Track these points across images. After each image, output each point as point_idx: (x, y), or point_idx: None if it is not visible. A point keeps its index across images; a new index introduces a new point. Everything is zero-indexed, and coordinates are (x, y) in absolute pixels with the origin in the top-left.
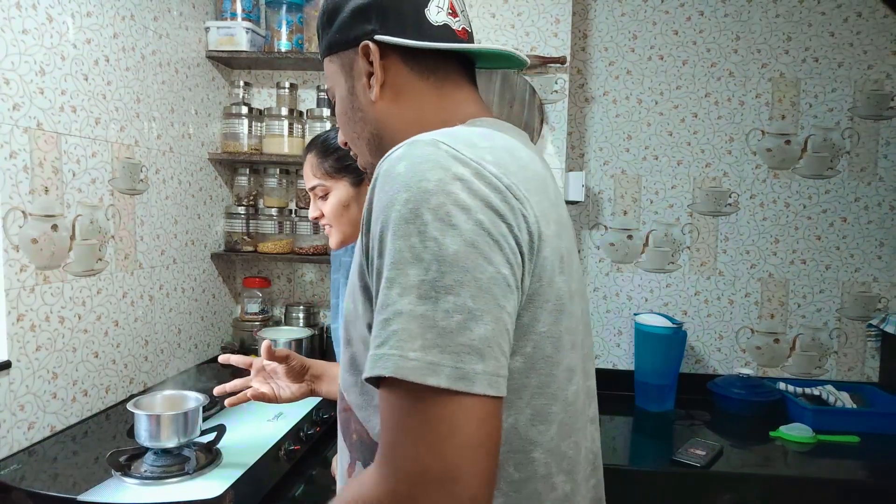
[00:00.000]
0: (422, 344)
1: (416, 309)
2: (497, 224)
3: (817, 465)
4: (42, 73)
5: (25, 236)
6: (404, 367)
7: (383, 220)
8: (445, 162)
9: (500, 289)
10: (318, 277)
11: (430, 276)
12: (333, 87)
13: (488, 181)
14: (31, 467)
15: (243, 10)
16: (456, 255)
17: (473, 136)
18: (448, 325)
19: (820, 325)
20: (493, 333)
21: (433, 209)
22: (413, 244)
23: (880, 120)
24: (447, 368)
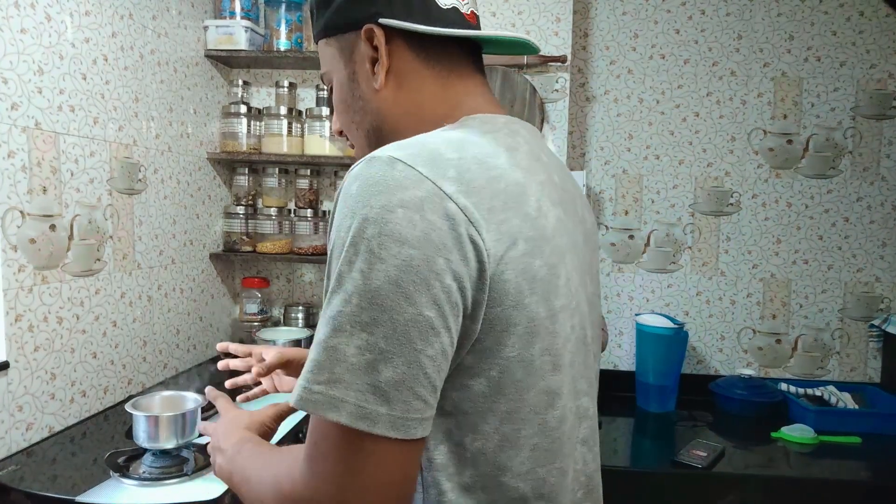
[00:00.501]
0: (328, 378)
1: (329, 341)
2: (431, 260)
3: (819, 466)
4: (40, 72)
5: (23, 236)
6: (307, 399)
7: (332, 241)
8: (394, 185)
9: (419, 332)
10: (317, 277)
11: (348, 308)
12: (330, 72)
13: (438, 206)
14: (29, 468)
15: (242, 8)
16: (377, 291)
17: (442, 145)
18: (357, 362)
19: (822, 325)
20: (402, 377)
21: (367, 239)
22: (342, 272)
23: (883, 119)
24: (349, 405)
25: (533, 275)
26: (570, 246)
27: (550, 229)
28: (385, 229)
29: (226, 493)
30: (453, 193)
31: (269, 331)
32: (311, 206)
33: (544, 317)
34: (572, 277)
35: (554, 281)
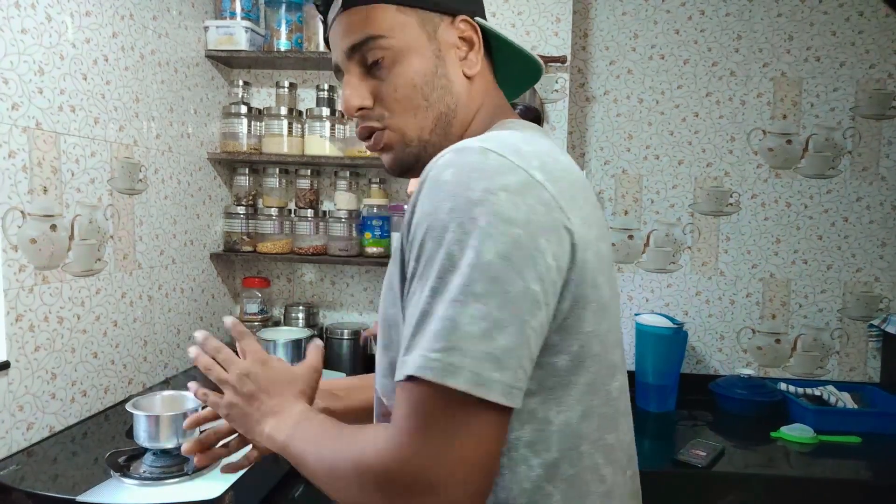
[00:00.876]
0: (444, 346)
1: (445, 312)
2: (535, 239)
3: (819, 466)
4: (41, 72)
5: (24, 236)
6: (425, 367)
7: (426, 226)
8: (492, 171)
9: (528, 304)
10: (317, 277)
11: (461, 280)
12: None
13: (534, 191)
14: (30, 468)
15: (242, 9)
16: (489, 265)
17: (519, 141)
18: (472, 330)
19: (821, 325)
20: (514, 345)
21: (474, 219)
22: (452, 251)
23: (882, 119)
24: (466, 372)
25: (602, 257)
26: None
27: (603, 220)
28: (492, 210)
29: (226, 493)
30: (543, 181)
31: (270, 331)
32: (312, 206)
33: (609, 296)
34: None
35: (610, 265)
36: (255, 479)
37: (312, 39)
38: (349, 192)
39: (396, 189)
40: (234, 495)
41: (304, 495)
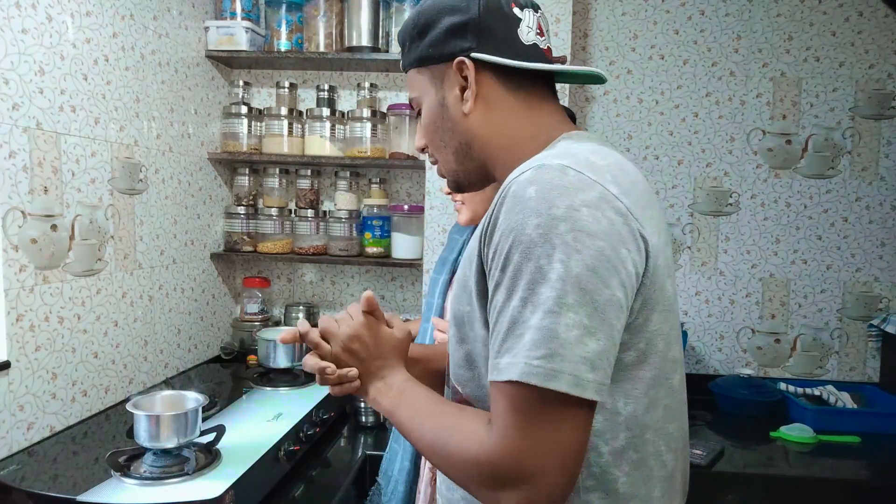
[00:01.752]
0: (545, 353)
1: (542, 322)
2: (617, 249)
3: (818, 466)
4: (41, 72)
5: (25, 236)
6: (529, 373)
7: (512, 240)
8: (572, 188)
9: (614, 310)
10: (318, 277)
11: (554, 293)
12: (420, 98)
13: (612, 205)
14: (30, 468)
15: (243, 9)
16: (578, 277)
17: (591, 155)
18: (568, 337)
19: (821, 325)
20: (604, 348)
21: (561, 234)
22: (542, 265)
23: (882, 119)
24: (566, 376)
25: (665, 262)
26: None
27: (665, 222)
28: (576, 225)
29: (226, 493)
30: (618, 194)
31: (270, 331)
32: (312, 206)
33: (670, 295)
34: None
35: (673, 267)
36: (254, 480)
37: (312, 40)
38: (349, 192)
39: (396, 189)
40: (234, 495)
41: (304, 495)
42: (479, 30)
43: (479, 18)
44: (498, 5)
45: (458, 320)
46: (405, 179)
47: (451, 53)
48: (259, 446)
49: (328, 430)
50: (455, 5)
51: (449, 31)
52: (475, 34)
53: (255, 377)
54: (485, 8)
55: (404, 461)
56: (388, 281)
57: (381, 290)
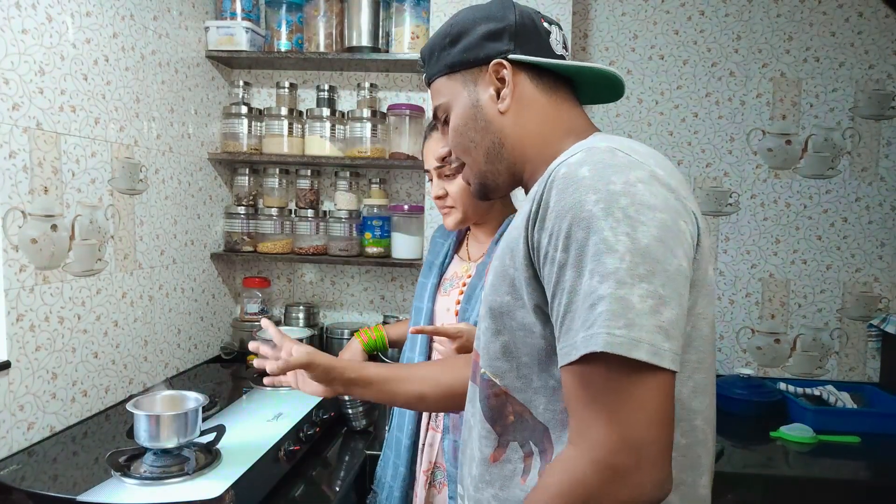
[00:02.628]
0: (625, 323)
1: (616, 293)
2: (677, 221)
3: (818, 466)
4: (41, 72)
5: (25, 236)
6: (613, 343)
7: (571, 219)
8: (624, 166)
9: (682, 278)
10: (318, 277)
11: (625, 265)
12: (450, 102)
13: (663, 182)
14: (30, 468)
15: (243, 9)
16: (647, 248)
17: (629, 143)
18: (643, 307)
19: (821, 325)
20: (677, 317)
21: (623, 208)
22: (607, 238)
23: (881, 120)
24: (645, 345)
25: (707, 247)
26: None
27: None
28: (636, 199)
29: (226, 493)
30: (663, 176)
31: None
32: (312, 206)
33: (712, 280)
34: None
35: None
36: (254, 480)
37: (312, 40)
38: (349, 192)
39: (396, 189)
40: (234, 495)
41: (303, 495)
42: (515, 35)
43: (515, 25)
44: (531, 18)
45: (496, 311)
46: (405, 179)
47: (488, 56)
48: (259, 446)
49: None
50: (491, 14)
51: (485, 36)
52: (512, 38)
53: (255, 377)
54: (520, 17)
55: (399, 466)
56: (388, 281)
57: (382, 290)
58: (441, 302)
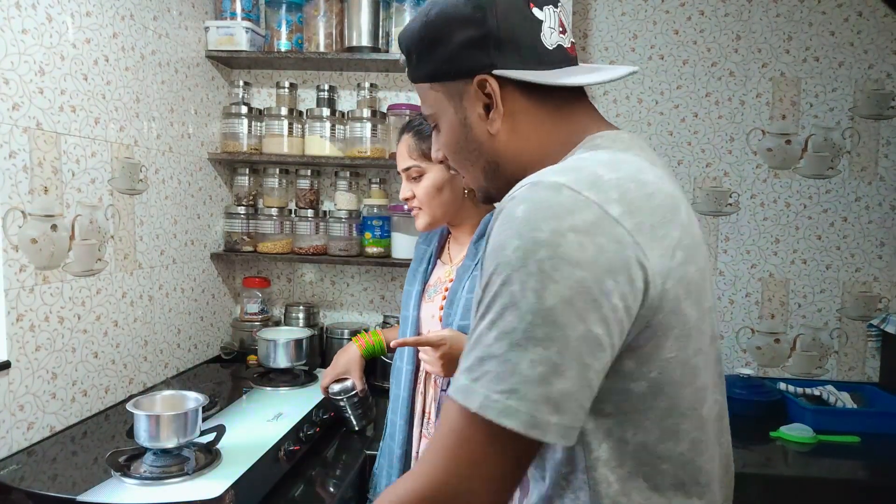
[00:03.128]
0: (507, 388)
1: (506, 354)
2: (601, 281)
3: (818, 465)
4: (41, 72)
5: (25, 236)
6: (486, 406)
7: (496, 262)
8: (563, 210)
9: (589, 348)
10: (318, 277)
11: (523, 325)
12: (437, 115)
13: (606, 230)
14: (30, 468)
15: (243, 9)
16: (551, 310)
17: (601, 167)
18: (531, 374)
19: (820, 325)
20: (573, 388)
21: (539, 261)
22: (514, 292)
23: (881, 119)
24: (523, 415)
25: (689, 281)
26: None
27: (698, 235)
28: (557, 252)
29: (226, 493)
30: (619, 216)
31: (270, 330)
32: (312, 206)
33: (696, 318)
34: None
35: (703, 284)
36: (254, 480)
37: (312, 40)
38: (349, 192)
39: (396, 189)
40: (234, 495)
41: (303, 495)
42: (499, 42)
43: (497, 30)
44: (516, 9)
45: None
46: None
47: (471, 70)
48: (259, 446)
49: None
50: (467, 17)
51: (465, 45)
52: (496, 47)
53: (255, 377)
54: (503, 17)
55: (392, 476)
56: (388, 281)
57: (381, 290)
58: (426, 309)
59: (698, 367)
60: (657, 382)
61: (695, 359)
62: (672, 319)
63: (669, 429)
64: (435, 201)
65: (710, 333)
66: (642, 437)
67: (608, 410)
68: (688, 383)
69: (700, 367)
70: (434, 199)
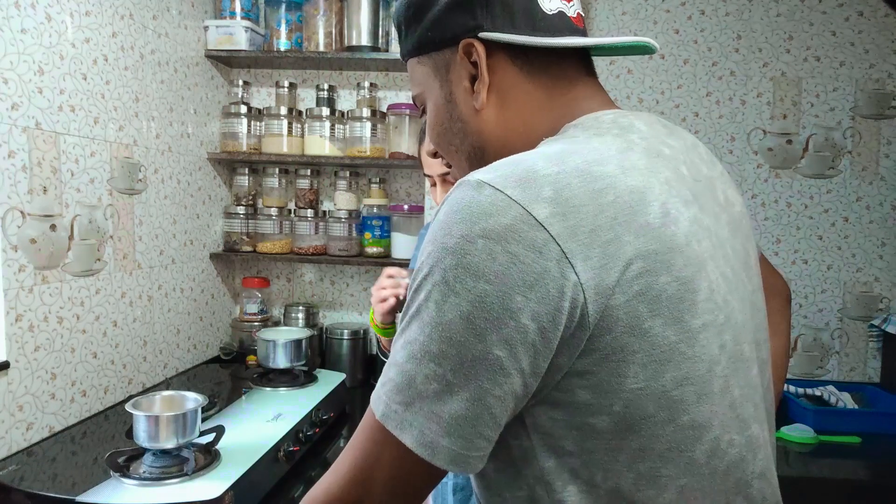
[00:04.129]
0: (402, 399)
1: (405, 365)
2: (508, 297)
3: (819, 466)
4: (41, 72)
5: (24, 236)
6: (387, 416)
7: (418, 263)
8: (478, 213)
9: (487, 370)
10: (317, 277)
11: (422, 337)
12: (423, 93)
13: (524, 235)
14: (29, 468)
15: (242, 8)
16: (449, 325)
17: (539, 161)
18: (425, 390)
19: (821, 325)
20: (466, 412)
21: (444, 270)
22: (419, 301)
23: (882, 119)
24: (415, 431)
25: (655, 295)
26: (712, 249)
27: (682, 237)
28: (462, 261)
29: (226, 493)
30: (546, 218)
31: (270, 330)
32: (312, 206)
33: (675, 341)
34: (718, 287)
35: (689, 297)
36: (254, 480)
37: (312, 39)
38: (349, 192)
39: (396, 189)
40: (234, 496)
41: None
42: (488, 1)
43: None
44: None
45: None
46: (405, 179)
47: (455, 35)
48: (258, 447)
49: (328, 431)
50: None
51: (452, 6)
52: (484, 7)
53: (254, 377)
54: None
55: None
56: None
57: None
58: None
59: (684, 400)
60: (623, 418)
61: (677, 391)
62: (630, 342)
63: (646, 474)
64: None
65: (713, 358)
66: (614, 482)
67: (569, 448)
68: (669, 420)
69: (690, 398)
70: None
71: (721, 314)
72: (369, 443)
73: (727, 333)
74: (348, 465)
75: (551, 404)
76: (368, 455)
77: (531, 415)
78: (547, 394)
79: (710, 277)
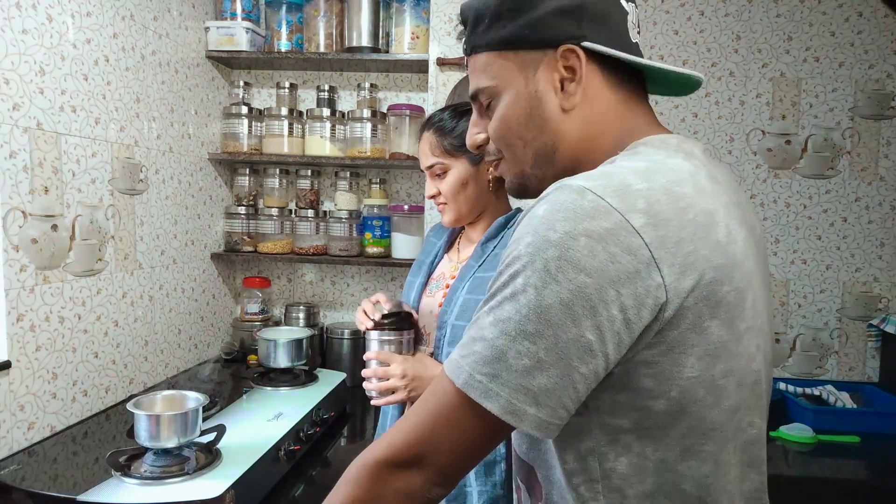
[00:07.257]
0: (489, 371)
1: (496, 341)
2: (603, 290)
3: (818, 465)
4: (42, 73)
5: (25, 236)
6: (470, 385)
7: (511, 254)
8: (582, 214)
9: (578, 351)
10: (318, 277)
11: (517, 317)
12: (499, 87)
13: (623, 240)
14: (30, 467)
15: (243, 10)
16: (547, 308)
17: (630, 175)
18: (515, 364)
19: (820, 325)
20: (554, 387)
21: (546, 259)
22: (516, 285)
23: (881, 119)
24: (502, 400)
25: (717, 301)
26: (755, 266)
27: (740, 254)
28: (566, 254)
29: (226, 493)
30: (641, 227)
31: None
32: (312, 206)
33: (726, 340)
34: (758, 298)
35: (740, 305)
36: (254, 479)
37: (313, 40)
38: (349, 192)
39: (396, 189)
40: (234, 495)
41: (303, 495)
42: (593, 16)
43: (593, 4)
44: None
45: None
46: (405, 179)
47: (556, 39)
48: (259, 446)
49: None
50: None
51: (557, 12)
52: (589, 21)
53: (255, 377)
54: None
55: None
56: (388, 281)
57: (381, 290)
58: (425, 303)
59: (727, 388)
60: (678, 402)
61: (722, 380)
62: (691, 338)
63: (692, 448)
64: (460, 196)
65: (751, 355)
66: (662, 454)
67: (627, 426)
68: (713, 404)
69: (732, 387)
70: (459, 194)
71: (759, 320)
72: (443, 406)
73: (761, 337)
74: (414, 423)
75: (617, 388)
76: (439, 416)
77: (594, 397)
78: (615, 379)
79: (755, 290)
